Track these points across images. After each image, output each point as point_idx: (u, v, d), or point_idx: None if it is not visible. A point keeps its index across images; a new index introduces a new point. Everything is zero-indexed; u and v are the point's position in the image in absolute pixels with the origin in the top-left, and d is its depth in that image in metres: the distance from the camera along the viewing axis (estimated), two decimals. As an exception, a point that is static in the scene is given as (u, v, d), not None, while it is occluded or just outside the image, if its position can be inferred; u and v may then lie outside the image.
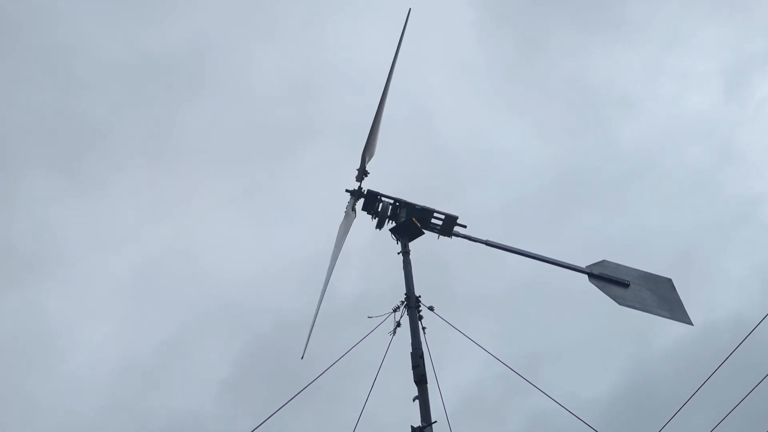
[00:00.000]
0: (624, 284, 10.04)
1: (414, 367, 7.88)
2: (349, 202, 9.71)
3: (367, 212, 9.66)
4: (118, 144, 26.25)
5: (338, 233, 9.47)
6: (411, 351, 8.06)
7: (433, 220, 9.64)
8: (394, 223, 9.56)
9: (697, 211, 24.74)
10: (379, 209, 9.56)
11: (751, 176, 26.82)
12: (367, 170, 9.65)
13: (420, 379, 7.73)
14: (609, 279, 10.02)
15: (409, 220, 9.41)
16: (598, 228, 23.45)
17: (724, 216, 24.33)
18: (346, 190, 9.73)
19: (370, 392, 7.75)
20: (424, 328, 8.29)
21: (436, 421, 7.35)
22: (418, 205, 9.57)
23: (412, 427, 7.32)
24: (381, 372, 7.62)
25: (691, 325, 9.91)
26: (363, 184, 9.67)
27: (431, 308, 8.47)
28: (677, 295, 10.28)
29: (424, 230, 9.43)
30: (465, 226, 9.69)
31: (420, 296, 8.62)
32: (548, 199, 24.35)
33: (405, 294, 8.72)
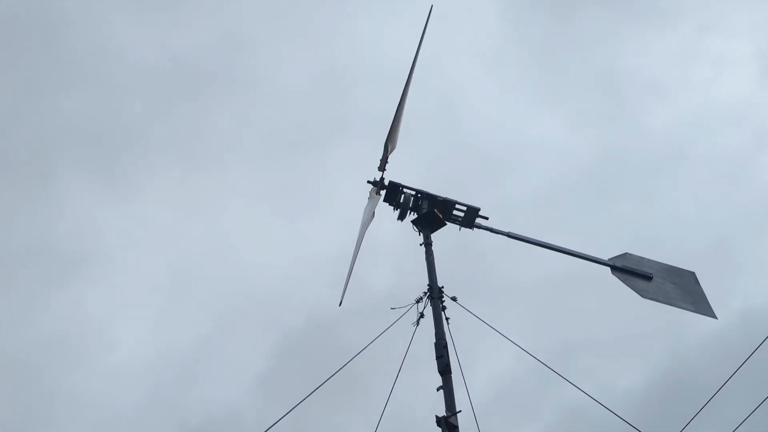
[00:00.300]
0: (647, 277, 9.93)
1: (438, 357, 7.84)
2: (371, 191, 9.68)
3: (389, 203, 9.62)
4: (153, 145, 27.06)
5: (365, 212, 9.42)
6: (434, 341, 8.04)
7: (455, 212, 9.59)
8: (416, 215, 9.53)
9: (733, 198, 24.40)
10: (401, 200, 9.52)
11: (788, 162, 26.11)
12: (388, 161, 9.61)
13: (444, 369, 7.69)
14: (632, 272, 9.93)
15: (431, 212, 9.36)
16: (631, 217, 23.24)
17: (760, 202, 23.86)
18: (368, 182, 9.70)
19: (394, 383, 7.72)
20: (447, 318, 8.26)
21: (460, 411, 7.30)
22: (440, 196, 9.51)
23: (437, 417, 7.27)
24: (411, 363, 7.58)
25: (715, 318, 9.79)
26: (385, 175, 9.64)
27: (454, 299, 8.43)
28: (701, 288, 10.16)
29: (446, 222, 9.38)
30: (487, 218, 9.63)
31: (443, 287, 8.58)
32: (580, 188, 24.30)
33: (428, 285, 8.69)
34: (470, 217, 9.55)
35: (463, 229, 9.63)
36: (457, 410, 7.31)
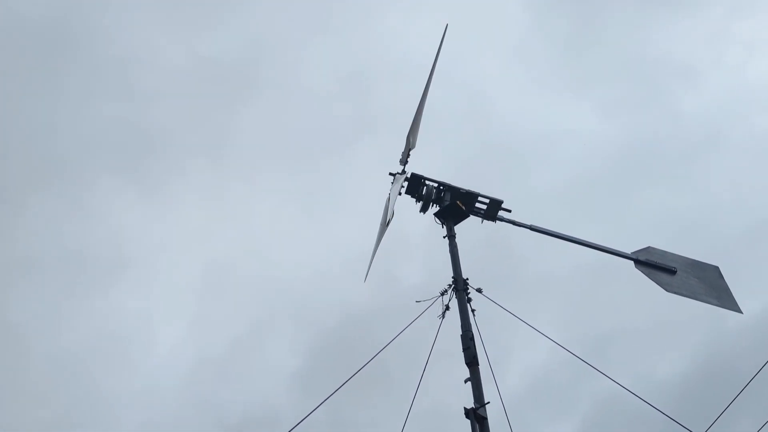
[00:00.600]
0: (671, 271, 9.83)
1: (464, 349, 7.77)
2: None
3: (411, 195, 9.55)
4: (182, 149, 27.44)
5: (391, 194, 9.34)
6: (461, 333, 7.97)
7: (478, 204, 9.51)
8: (438, 207, 9.45)
9: (768, 182, 23.85)
10: (423, 192, 9.45)
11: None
12: (410, 155, 9.55)
13: (471, 361, 7.62)
14: (656, 266, 9.84)
15: (454, 203, 9.29)
16: (664, 204, 22.96)
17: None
18: (390, 173, 9.64)
19: (421, 376, 7.66)
20: (473, 310, 8.18)
21: (489, 402, 7.22)
22: (463, 188, 9.43)
23: (465, 409, 7.19)
24: (444, 356, 7.50)
25: (740, 312, 9.69)
26: (407, 168, 9.58)
27: (479, 290, 8.35)
28: (725, 282, 10.06)
29: (469, 213, 9.31)
30: (510, 211, 9.54)
31: (468, 279, 8.50)
32: (612, 177, 24.04)
33: (452, 277, 8.61)
34: (493, 210, 9.47)
35: (485, 221, 9.56)
36: (486, 401, 7.23)
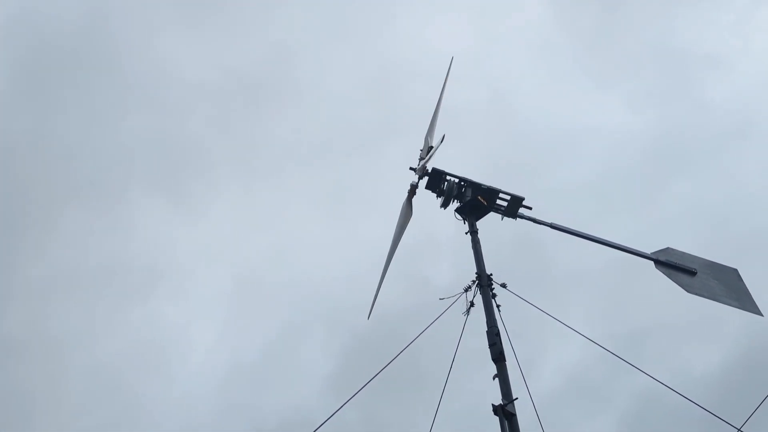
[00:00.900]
0: (691, 272, 9.75)
1: (491, 345, 7.64)
2: (409, 188, 9.49)
3: (432, 190, 9.43)
4: (214, 159, 27.89)
5: (398, 222, 9.26)
6: (486, 330, 7.83)
7: (499, 201, 9.40)
8: (459, 203, 9.33)
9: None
10: (444, 188, 9.33)
11: None
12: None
13: (497, 357, 7.49)
14: (676, 266, 9.75)
15: (475, 199, 9.17)
16: (696, 197, 22.86)
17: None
18: (411, 168, 9.51)
19: (449, 373, 7.52)
20: (498, 306, 8.05)
21: (517, 398, 7.08)
22: (484, 184, 9.32)
23: (493, 405, 7.04)
24: (474, 355, 7.36)
25: (760, 315, 9.61)
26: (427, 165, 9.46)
27: (504, 285, 8.24)
28: (744, 284, 9.96)
29: (490, 209, 9.19)
30: (530, 208, 9.42)
31: (492, 274, 8.38)
32: (641, 171, 23.79)
33: (476, 273, 8.48)
34: (514, 207, 9.35)
35: (506, 219, 9.44)
36: (515, 397, 7.09)
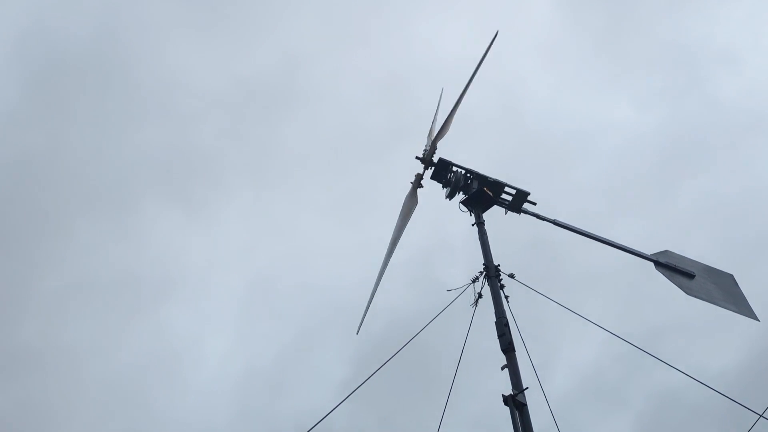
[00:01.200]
0: (690, 275, 9.78)
1: (500, 335, 7.54)
2: (415, 178, 9.37)
3: (438, 181, 9.32)
4: (225, 169, 27.72)
5: (401, 212, 9.12)
6: (495, 320, 7.71)
7: (504, 196, 9.32)
8: (464, 196, 9.23)
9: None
10: (451, 179, 9.23)
11: None
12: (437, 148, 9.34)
13: (507, 347, 7.38)
14: (675, 269, 9.77)
15: (481, 190, 9.08)
16: (710, 193, 22.73)
17: None
18: (417, 157, 9.39)
19: (458, 365, 7.37)
20: (506, 296, 7.94)
21: (527, 388, 6.96)
22: (491, 177, 9.24)
23: (503, 396, 6.91)
24: (490, 355, 7.24)
25: (757, 320, 9.65)
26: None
27: (512, 275, 8.14)
28: (740, 290, 10.01)
29: (496, 200, 9.11)
30: (535, 204, 9.36)
31: (499, 265, 8.28)
32: (655, 168, 23.77)
33: (483, 264, 8.37)
34: (518, 201, 9.27)
35: (510, 213, 9.36)
36: (525, 387, 6.96)
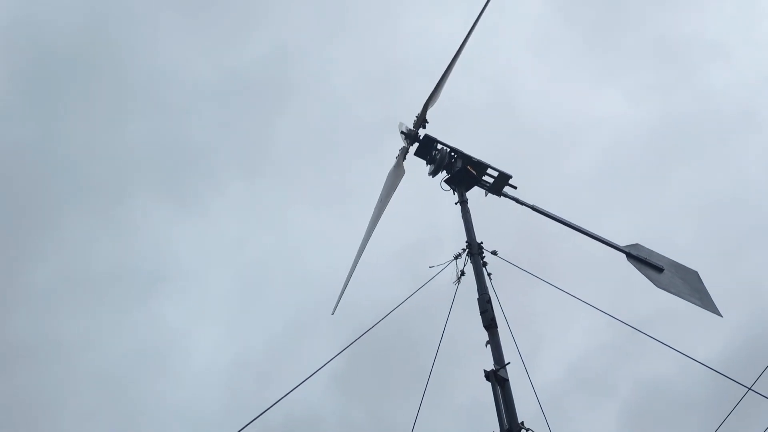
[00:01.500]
0: (659, 269, 9.97)
1: (482, 312, 7.50)
2: (400, 151, 9.24)
3: (422, 157, 9.22)
4: (217, 161, 27.69)
5: (385, 185, 8.98)
6: (477, 297, 7.67)
7: (486, 178, 9.29)
8: (448, 175, 9.16)
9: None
10: (436, 156, 9.14)
11: None
12: (427, 119, 9.21)
13: (489, 324, 7.34)
14: (645, 262, 9.94)
15: (464, 169, 9.03)
16: (700, 185, 23.23)
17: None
18: (401, 132, 9.26)
19: (440, 342, 7.31)
20: (489, 274, 7.91)
21: (509, 363, 6.93)
22: (475, 157, 9.20)
23: (485, 371, 6.86)
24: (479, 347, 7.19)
25: (720, 316, 9.90)
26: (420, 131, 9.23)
27: (494, 252, 8.13)
28: (704, 286, 10.26)
29: (479, 179, 9.07)
30: (516, 187, 9.36)
31: (482, 243, 8.24)
32: (644, 161, 24.18)
33: (466, 242, 8.32)
34: (500, 184, 9.26)
35: (490, 195, 9.33)
36: (506, 362, 6.93)
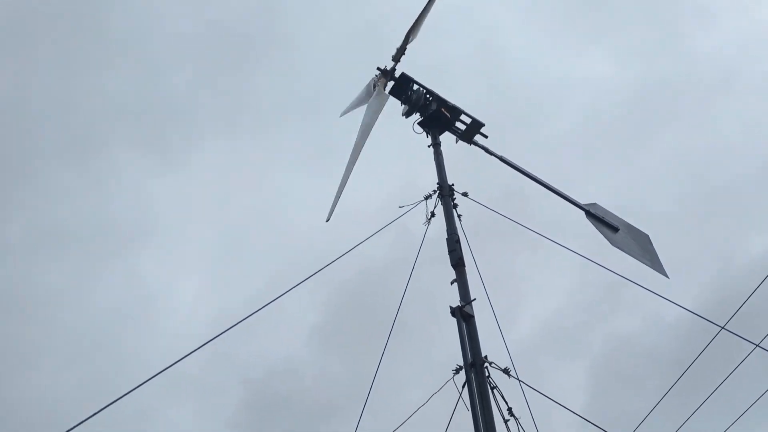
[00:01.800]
0: (614, 228, 10.26)
1: (450, 251, 7.58)
2: (377, 81, 9.11)
3: (397, 97, 9.13)
4: (199, 116, 26.99)
5: (367, 111, 8.83)
6: (446, 237, 7.74)
7: (459, 124, 9.29)
8: (421, 117, 9.12)
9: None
10: (412, 96, 9.06)
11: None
12: (405, 52, 9.08)
13: (457, 262, 7.44)
14: (602, 221, 10.21)
15: (438, 111, 9.00)
16: (680, 147, 23.60)
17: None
18: (378, 69, 9.13)
19: (408, 281, 7.33)
20: (459, 215, 7.98)
21: (475, 299, 7.06)
22: (450, 102, 9.18)
23: (451, 308, 6.97)
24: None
25: (667, 277, 10.30)
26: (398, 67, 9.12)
27: (465, 194, 8.20)
28: (654, 248, 10.66)
29: (453, 123, 9.07)
30: (487, 137, 9.42)
31: (453, 185, 8.29)
32: (627, 122, 24.40)
33: (437, 184, 8.35)
34: (472, 131, 9.28)
35: (461, 142, 9.35)
36: (472, 299, 7.05)
